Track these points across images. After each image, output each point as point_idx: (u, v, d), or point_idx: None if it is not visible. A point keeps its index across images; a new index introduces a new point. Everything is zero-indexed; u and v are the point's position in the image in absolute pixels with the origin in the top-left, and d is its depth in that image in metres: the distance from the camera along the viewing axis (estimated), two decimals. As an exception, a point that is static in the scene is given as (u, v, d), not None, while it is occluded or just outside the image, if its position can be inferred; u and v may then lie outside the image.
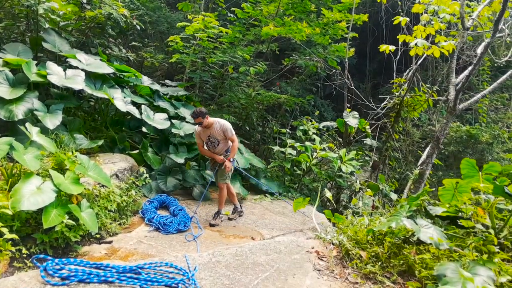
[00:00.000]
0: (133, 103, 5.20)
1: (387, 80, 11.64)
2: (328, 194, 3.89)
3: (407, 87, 6.17)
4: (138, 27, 6.88)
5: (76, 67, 4.81)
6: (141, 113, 5.03)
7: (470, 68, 5.71)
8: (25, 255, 2.73)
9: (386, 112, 6.47)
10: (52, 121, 4.06)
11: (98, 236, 3.34)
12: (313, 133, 6.39)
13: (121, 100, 4.90)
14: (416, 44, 5.15)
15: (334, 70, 7.44)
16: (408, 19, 5.73)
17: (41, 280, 1.77)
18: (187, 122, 5.51)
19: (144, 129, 5.12)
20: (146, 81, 5.89)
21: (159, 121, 5.13)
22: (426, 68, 11.24)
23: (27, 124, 3.47)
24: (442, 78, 10.14)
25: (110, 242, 3.32)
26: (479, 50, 5.71)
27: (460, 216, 2.82)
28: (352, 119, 5.96)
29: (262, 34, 6.61)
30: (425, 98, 6.12)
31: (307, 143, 5.87)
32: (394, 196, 5.08)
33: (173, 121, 5.31)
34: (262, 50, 8.15)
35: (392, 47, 5.28)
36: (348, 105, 6.69)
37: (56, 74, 4.46)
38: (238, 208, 4.59)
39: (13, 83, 4.27)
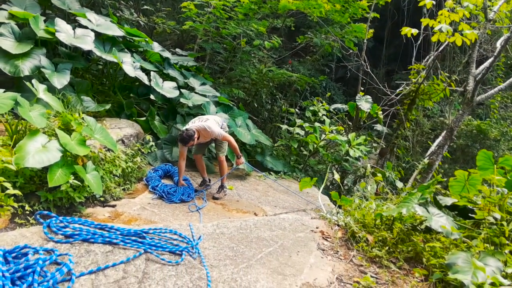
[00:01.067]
0: (142, 69, 5.06)
1: (402, 67, 11.31)
2: (336, 176, 3.83)
3: (425, 74, 5.95)
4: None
5: (86, 27, 4.64)
6: (150, 80, 4.90)
7: (490, 60, 5.56)
8: (28, 212, 2.72)
9: (401, 99, 6.28)
10: (60, 80, 3.95)
11: (102, 199, 3.32)
12: (323, 114, 6.25)
13: (130, 65, 4.76)
14: (440, 29, 4.91)
15: (350, 52, 7.18)
16: (434, 2, 5.45)
17: (43, 236, 1.73)
18: (196, 93, 5.39)
19: (152, 97, 5.01)
20: (156, 47, 5.72)
21: (168, 89, 5.01)
22: (444, 58, 10.89)
23: (33, 81, 3.38)
24: (460, 70, 9.83)
25: (114, 206, 3.30)
26: (499, 43, 5.54)
27: (470, 208, 2.76)
28: (364, 103, 5.80)
29: (280, 6, 6.33)
30: (443, 87, 5.91)
31: (317, 124, 5.75)
32: (399, 184, 5.01)
33: (182, 90, 5.19)
34: (276, 26, 7.86)
35: (415, 30, 5.03)
36: (362, 89, 6.50)
37: (64, 32, 4.30)
38: (207, 181, 4.46)
39: (19, 38, 4.11)
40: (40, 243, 1.66)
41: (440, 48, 6.15)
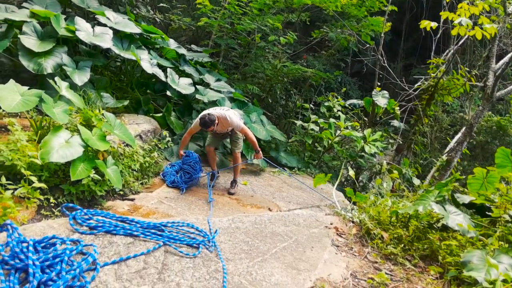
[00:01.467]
0: (159, 66, 5.15)
1: (420, 61, 11.03)
2: (351, 173, 3.81)
3: (445, 69, 5.80)
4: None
5: (105, 25, 4.76)
6: (166, 77, 4.99)
7: (510, 54, 5.38)
8: (52, 204, 2.84)
9: (419, 94, 6.14)
10: (81, 77, 4.07)
11: (121, 192, 3.43)
12: (338, 110, 6.20)
13: (147, 61, 4.86)
14: (459, 23, 4.77)
15: (366, 46, 7.06)
16: (454, -6, 5.30)
17: (69, 228, 1.83)
18: (211, 89, 5.44)
19: (168, 93, 5.10)
20: (172, 44, 5.80)
21: (183, 86, 5.09)
22: (464, 52, 10.56)
23: (56, 78, 3.50)
24: (480, 64, 9.51)
25: (132, 200, 3.41)
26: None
27: (488, 206, 2.71)
28: (381, 99, 5.71)
29: (295, 1, 6.28)
30: (463, 82, 5.75)
31: (332, 120, 5.71)
32: (416, 182, 4.93)
33: (198, 87, 5.25)
34: (291, 20, 7.80)
35: (434, 24, 4.90)
36: (379, 84, 6.40)
37: (84, 31, 4.42)
38: (216, 173, 4.48)
39: (42, 36, 4.24)
40: (67, 234, 1.76)
41: (460, 42, 5.97)
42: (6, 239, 1.53)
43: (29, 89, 3.26)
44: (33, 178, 2.60)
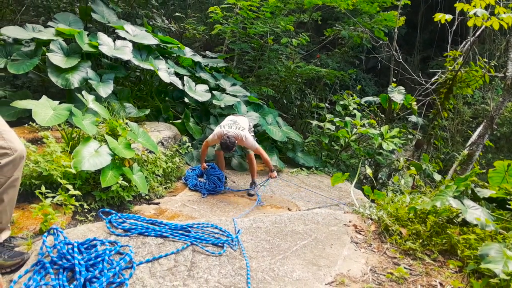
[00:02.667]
0: (176, 74, 5.35)
1: (438, 53, 10.79)
2: (369, 171, 3.84)
3: (462, 61, 5.70)
4: (181, -4, 6.90)
5: (124, 38, 5.00)
6: (183, 84, 5.18)
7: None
8: (86, 210, 3.06)
9: (436, 88, 6.06)
10: (105, 89, 4.31)
11: (147, 197, 3.62)
12: (354, 108, 6.20)
13: (165, 71, 5.06)
14: (475, 14, 4.70)
15: (380, 42, 7.01)
16: (469, -16, 5.20)
17: (106, 231, 2.00)
18: (227, 93, 5.60)
19: (186, 100, 5.29)
20: (188, 52, 6.00)
21: (200, 92, 5.26)
22: (483, 41, 10.24)
23: (83, 92, 3.74)
24: (500, 53, 9.21)
25: (157, 203, 3.59)
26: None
27: (509, 199, 2.70)
28: (397, 95, 5.68)
29: (305, 2, 6.35)
30: (481, 74, 5.63)
31: (347, 119, 5.73)
32: (437, 177, 4.88)
33: (214, 92, 5.42)
34: (303, 20, 7.86)
35: (449, 16, 4.84)
36: (394, 80, 6.35)
37: (106, 45, 4.67)
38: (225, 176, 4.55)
39: (67, 53, 4.51)
40: (104, 236, 1.93)
41: (477, 33, 5.85)
42: (53, 241, 1.71)
43: (59, 103, 3.51)
44: (69, 186, 2.81)
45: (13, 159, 1.63)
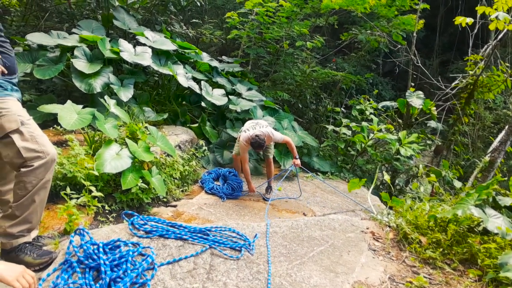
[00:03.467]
0: (193, 79, 5.45)
1: (458, 57, 10.54)
2: (386, 177, 3.79)
3: (483, 65, 5.56)
4: (198, 3, 7.03)
5: (144, 44, 5.15)
6: (201, 89, 5.27)
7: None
8: (107, 211, 3.15)
9: (457, 93, 5.93)
10: (126, 94, 4.44)
11: (165, 200, 3.70)
12: (371, 113, 6.14)
13: (183, 76, 5.17)
14: (497, 17, 4.59)
15: (398, 46, 6.92)
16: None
17: (129, 232, 2.07)
18: (243, 98, 5.65)
19: (203, 104, 5.38)
20: (205, 57, 6.10)
21: (217, 96, 5.34)
22: (505, 45, 9.94)
23: (106, 97, 3.87)
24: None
25: (175, 206, 3.66)
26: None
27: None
28: (416, 100, 5.59)
29: (322, 7, 6.35)
30: (504, 78, 5.48)
31: (364, 123, 5.68)
32: (458, 184, 4.75)
33: (230, 97, 5.49)
34: (319, 24, 7.86)
35: (469, 20, 4.75)
36: (412, 84, 6.26)
37: (127, 51, 4.81)
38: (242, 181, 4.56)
39: (90, 59, 4.68)
40: (127, 238, 1.99)
41: (499, 37, 5.70)
42: (79, 241, 1.78)
43: (83, 107, 3.64)
44: (92, 188, 2.91)
45: (45, 162, 1.71)
